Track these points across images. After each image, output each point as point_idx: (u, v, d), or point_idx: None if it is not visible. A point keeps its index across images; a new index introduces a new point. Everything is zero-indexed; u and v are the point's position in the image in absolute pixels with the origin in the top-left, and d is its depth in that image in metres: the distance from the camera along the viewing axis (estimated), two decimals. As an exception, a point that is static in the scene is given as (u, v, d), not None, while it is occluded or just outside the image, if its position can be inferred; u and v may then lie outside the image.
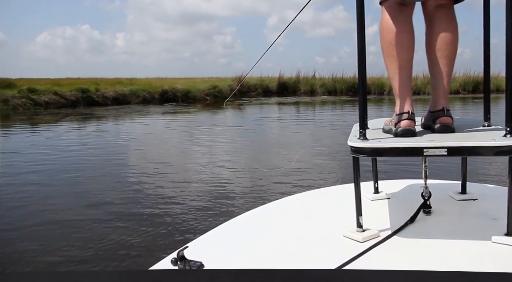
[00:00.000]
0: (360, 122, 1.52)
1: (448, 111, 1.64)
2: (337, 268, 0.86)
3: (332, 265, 1.11)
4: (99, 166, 6.39)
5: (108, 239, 3.53)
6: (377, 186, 1.98)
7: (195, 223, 3.90)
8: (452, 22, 1.71)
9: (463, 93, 22.65)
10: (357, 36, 1.50)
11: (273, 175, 5.60)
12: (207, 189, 5.05)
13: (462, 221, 1.67)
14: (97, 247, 3.35)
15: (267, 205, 1.96)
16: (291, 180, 5.32)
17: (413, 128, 1.58)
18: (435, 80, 1.71)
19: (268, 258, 1.38)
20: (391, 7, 1.70)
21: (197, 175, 5.83)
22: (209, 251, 1.47)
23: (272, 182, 5.34)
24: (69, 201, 4.75)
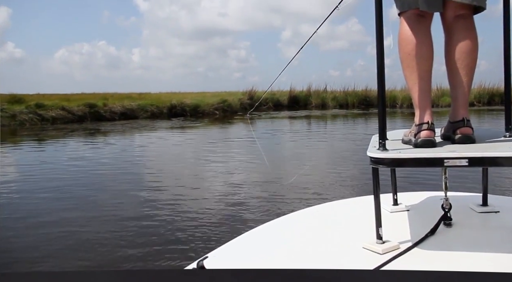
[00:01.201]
0: (379, 133, 1.49)
1: (468, 122, 1.62)
2: None
3: None
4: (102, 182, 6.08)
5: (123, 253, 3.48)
6: (396, 197, 1.95)
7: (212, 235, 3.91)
8: (471, 32, 1.69)
9: (478, 106, 22.04)
10: (376, 49, 1.50)
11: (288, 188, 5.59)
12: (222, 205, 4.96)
13: (484, 234, 1.65)
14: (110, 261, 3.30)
15: (285, 217, 1.96)
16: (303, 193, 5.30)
17: (433, 139, 1.56)
18: (455, 91, 1.70)
19: None
20: (410, 18, 1.70)
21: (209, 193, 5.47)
22: (228, 261, 1.46)
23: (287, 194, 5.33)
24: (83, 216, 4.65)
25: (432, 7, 1.69)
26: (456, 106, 1.69)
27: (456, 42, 1.68)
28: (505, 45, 1.75)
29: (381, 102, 1.52)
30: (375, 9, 1.49)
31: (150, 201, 5.14)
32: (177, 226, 4.20)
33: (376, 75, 1.52)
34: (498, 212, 1.82)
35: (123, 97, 20.49)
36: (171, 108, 19.89)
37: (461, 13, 1.69)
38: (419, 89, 1.68)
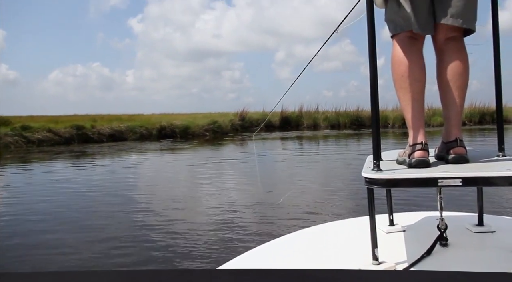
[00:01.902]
0: (374, 153, 1.51)
1: (461, 142, 1.65)
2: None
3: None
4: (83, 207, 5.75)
5: None
6: (392, 218, 1.96)
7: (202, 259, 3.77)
8: (462, 54, 1.74)
9: (469, 125, 22.03)
10: (369, 70, 1.51)
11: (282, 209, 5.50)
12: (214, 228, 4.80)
13: (480, 254, 1.65)
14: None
15: (280, 239, 1.95)
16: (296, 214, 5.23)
17: (427, 159, 1.58)
18: (447, 111, 1.73)
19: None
20: (402, 41, 1.74)
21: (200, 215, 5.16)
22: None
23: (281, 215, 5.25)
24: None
25: (424, 30, 1.72)
26: (449, 126, 1.72)
27: (448, 63, 1.72)
28: (495, 69, 1.78)
29: (375, 123, 1.54)
30: (367, 31, 1.52)
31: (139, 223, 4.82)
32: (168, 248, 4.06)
33: (370, 96, 1.54)
34: (494, 232, 1.82)
35: (113, 119, 20.21)
36: (160, 130, 19.62)
37: (452, 36, 1.74)
38: (412, 110, 1.70)
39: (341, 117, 24.67)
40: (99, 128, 18.00)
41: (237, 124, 23.56)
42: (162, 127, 19.72)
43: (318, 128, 23.97)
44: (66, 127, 17.33)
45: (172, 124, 20.07)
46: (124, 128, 18.65)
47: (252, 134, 19.99)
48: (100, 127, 18.04)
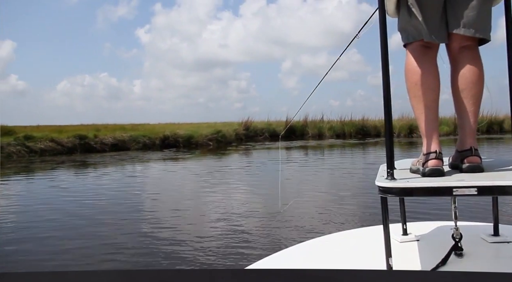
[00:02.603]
0: (387, 162, 1.51)
1: (476, 151, 1.63)
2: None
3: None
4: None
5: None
6: (406, 227, 1.94)
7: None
8: (477, 62, 1.73)
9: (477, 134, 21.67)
10: (382, 80, 1.52)
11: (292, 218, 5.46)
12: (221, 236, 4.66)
13: (496, 264, 1.63)
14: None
15: (293, 247, 1.94)
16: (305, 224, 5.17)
17: (441, 168, 1.56)
18: (462, 120, 1.72)
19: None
20: (416, 50, 1.73)
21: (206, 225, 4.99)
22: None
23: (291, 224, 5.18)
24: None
25: (437, 39, 1.71)
26: (464, 135, 1.70)
27: (462, 72, 1.70)
28: (510, 74, 1.71)
29: (388, 132, 1.54)
30: (380, 40, 1.51)
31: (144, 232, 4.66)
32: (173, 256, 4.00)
33: (383, 105, 1.53)
34: (510, 242, 1.79)
35: (116, 129, 20.16)
36: (163, 140, 19.53)
37: (466, 44, 1.71)
38: (426, 119, 1.69)
39: (346, 126, 24.44)
40: (101, 138, 17.93)
41: (241, 133, 23.39)
42: (165, 137, 19.63)
43: (323, 137, 23.75)
44: (69, 137, 17.28)
45: (175, 134, 19.97)
46: (127, 138, 18.57)
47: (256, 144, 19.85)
48: (103, 137, 17.98)
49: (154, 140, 19.33)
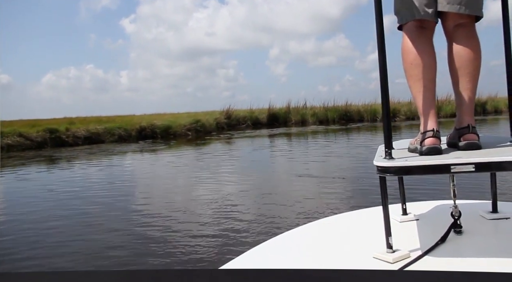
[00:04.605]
0: (385, 142, 1.53)
1: (473, 128, 1.66)
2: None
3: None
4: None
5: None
6: (405, 207, 1.96)
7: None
8: (473, 40, 1.76)
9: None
10: (379, 59, 1.55)
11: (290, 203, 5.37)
12: None
13: (495, 240, 1.66)
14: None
15: (294, 230, 1.96)
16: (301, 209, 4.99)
17: (438, 146, 1.59)
18: (459, 98, 1.75)
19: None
20: (411, 30, 1.77)
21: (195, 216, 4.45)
22: None
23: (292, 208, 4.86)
24: None
25: (431, 17, 1.73)
26: (461, 113, 1.73)
27: (458, 50, 1.73)
28: (506, 53, 1.78)
29: (386, 113, 1.57)
30: (376, 21, 1.53)
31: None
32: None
33: (380, 87, 1.56)
34: (508, 218, 1.82)
35: (92, 121, 19.45)
36: (140, 131, 18.87)
37: (461, 22, 1.74)
38: (423, 98, 1.72)
39: (330, 112, 23.98)
40: (74, 131, 17.23)
41: (222, 122, 22.82)
42: (142, 128, 18.98)
43: (306, 124, 23.28)
44: (38, 131, 16.56)
45: (152, 125, 19.33)
46: (101, 131, 17.89)
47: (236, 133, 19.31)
48: (75, 130, 17.28)
49: (130, 132, 18.67)
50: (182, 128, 19.88)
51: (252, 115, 24.37)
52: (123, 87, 47.62)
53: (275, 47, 50.21)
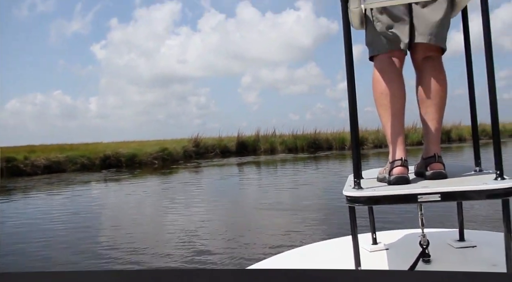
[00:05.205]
0: (354, 172, 1.56)
1: (439, 158, 1.70)
2: None
3: None
4: None
5: None
6: (375, 236, 1.98)
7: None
8: (440, 72, 1.82)
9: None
10: (348, 89, 1.56)
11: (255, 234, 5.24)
12: None
13: (462, 269, 1.67)
14: None
15: (261, 262, 1.95)
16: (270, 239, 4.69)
17: (406, 176, 1.62)
18: (426, 128, 1.80)
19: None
20: (382, 61, 1.83)
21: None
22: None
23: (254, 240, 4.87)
24: None
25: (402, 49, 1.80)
26: (428, 143, 1.78)
27: (426, 81, 1.80)
28: (469, 87, 1.87)
29: (355, 143, 1.60)
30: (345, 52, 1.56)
31: None
32: None
33: (349, 116, 1.58)
34: (475, 247, 1.85)
35: (54, 149, 18.73)
36: (104, 159, 18.28)
37: (429, 55, 1.83)
38: (392, 127, 1.75)
39: (299, 140, 23.98)
40: (33, 160, 16.51)
41: (190, 150, 22.44)
42: (106, 157, 18.39)
43: (275, 152, 23.16)
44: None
45: (117, 153, 18.77)
46: (62, 159, 17.21)
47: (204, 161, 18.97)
48: (35, 159, 16.55)
49: (93, 160, 18.05)
50: (148, 156, 19.39)
51: (221, 143, 24.13)
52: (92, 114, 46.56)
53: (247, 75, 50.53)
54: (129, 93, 47.44)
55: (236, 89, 51.31)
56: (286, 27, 46.26)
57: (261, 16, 48.95)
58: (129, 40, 47.32)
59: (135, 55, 47.94)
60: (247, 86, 48.90)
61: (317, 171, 13.70)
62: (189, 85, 49.72)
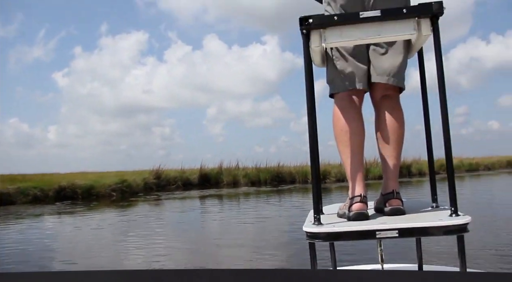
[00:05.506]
0: (314, 207, 1.57)
1: (398, 194, 1.73)
2: None
3: None
4: None
5: None
6: None
7: None
8: (397, 110, 1.87)
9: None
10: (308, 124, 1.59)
11: None
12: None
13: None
14: None
15: None
16: None
17: (365, 212, 1.66)
18: (385, 164, 1.84)
19: None
20: (342, 99, 1.88)
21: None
22: None
23: None
24: None
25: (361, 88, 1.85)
26: (386, 179, 1.82)
27: (384, 119, 1.84)
28: (426, 125, 1.95)
29: (315, 178, 1.63)
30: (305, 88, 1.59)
31: None
32: None
33: (309, 151, 1.60)
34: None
35: (4, 179, 17.71)
36: (59, 191, 17.44)
37: (387, 94, 1.89)
38: (352, 164, 1.79)
39: (262, 173, 23.84)
40: (-21, 191, 15.52)
41: (151, 182, 21.82)
42: (61, 188, 17.56)
43: (238, 185, 22.87)
44: None
45: (73, 184, 17.98)
46: (12, 191, 16.28)
47: (164, 194, 18.43)
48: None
49: (47, 192, 17.18)
50: (106, 188, 18.66)
51: (183, 175, 23.64)
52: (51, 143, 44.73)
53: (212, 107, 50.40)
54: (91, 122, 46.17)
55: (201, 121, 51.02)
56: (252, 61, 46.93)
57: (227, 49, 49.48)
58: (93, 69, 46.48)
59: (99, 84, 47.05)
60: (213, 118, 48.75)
61: (279, 205, 13.52)
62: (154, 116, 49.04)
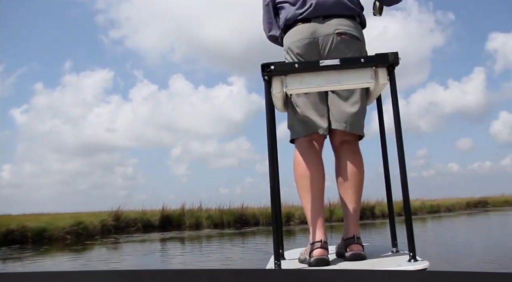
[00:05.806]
0: (275, 253, 1.60)
1: (358, 239, 1.80)
2: None
3: None
4: None
5: None
6: None
7: None
8: (356, 155, 1.98)
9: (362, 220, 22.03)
10: (269, 166, 1.64)
11: None
12: None
13: None
14: None
15: None
16: None
17: (326, 257, 1.73)
18: (345, 209, 1.92)
19: None
20: (302, 144, 1.98)
21: None
22: None
23: None
24: None
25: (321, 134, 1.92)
26: (347, 223, 1.89)
27: (343, 164, 1.92)
28: (385, 168, 1.98)
29: (276, 224, 1.64)
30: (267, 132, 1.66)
31: None
32: None
33: (270, 194, 1.62)
34: None
35: None
36: (6, 234, 16.30)
37: (346, 139, 1.98)
38: (312, 209, 1.84)
39: (225, 215, 23.32)
40: None
41: (110, 224, 20.85)
42: (9, 231, 16.44)
43: (200, 227, 22.20)
44: None
45: (23, 227, 16.88)
46: (-45, 234, 15.08)
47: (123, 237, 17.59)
48: None
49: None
50: (60, 231, 17.63)
51: (144, 217, 22.79)
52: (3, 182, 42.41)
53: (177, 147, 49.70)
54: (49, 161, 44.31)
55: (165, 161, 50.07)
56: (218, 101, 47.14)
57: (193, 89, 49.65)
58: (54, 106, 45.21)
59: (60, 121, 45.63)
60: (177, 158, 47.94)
61: (243, 248, 13.08)
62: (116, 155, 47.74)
